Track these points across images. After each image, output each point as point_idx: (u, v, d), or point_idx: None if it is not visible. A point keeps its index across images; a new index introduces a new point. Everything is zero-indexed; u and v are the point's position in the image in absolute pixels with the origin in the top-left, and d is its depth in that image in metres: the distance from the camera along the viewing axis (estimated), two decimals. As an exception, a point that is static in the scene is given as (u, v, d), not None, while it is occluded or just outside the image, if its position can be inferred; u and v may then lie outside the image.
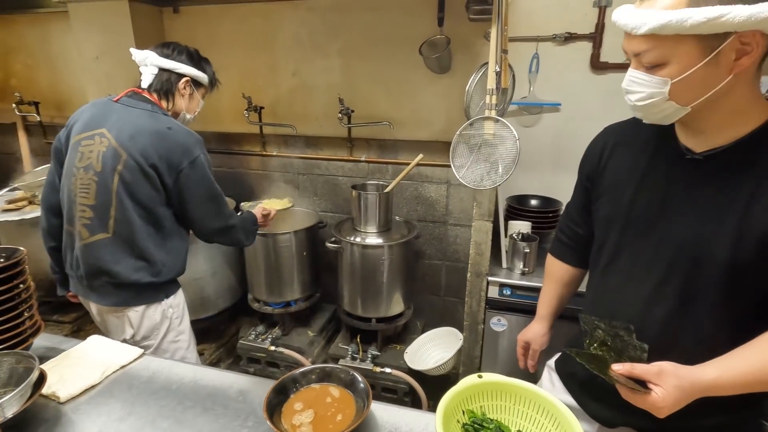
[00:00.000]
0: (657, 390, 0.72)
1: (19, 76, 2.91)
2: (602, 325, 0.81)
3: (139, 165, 1.30)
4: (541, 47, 1.93)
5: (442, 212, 2.29)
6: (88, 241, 1.36)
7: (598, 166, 0.97)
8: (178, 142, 1.34)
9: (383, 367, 2.01)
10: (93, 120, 1.37)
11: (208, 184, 1.40)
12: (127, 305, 1.41)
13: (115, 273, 1.36)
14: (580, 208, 1.08)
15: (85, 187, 1.34)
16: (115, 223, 1.34)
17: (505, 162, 1.45)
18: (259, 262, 2.17)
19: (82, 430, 0.88)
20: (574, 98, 1.95)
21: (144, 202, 1.35)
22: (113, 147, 1.31)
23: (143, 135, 1.31)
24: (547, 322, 1.21)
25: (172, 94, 1.45)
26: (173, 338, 1.52)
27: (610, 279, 0.94)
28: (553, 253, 1.21)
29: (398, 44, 2.10)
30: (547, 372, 1.18)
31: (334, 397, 0.92)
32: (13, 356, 0.93)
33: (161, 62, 1.41)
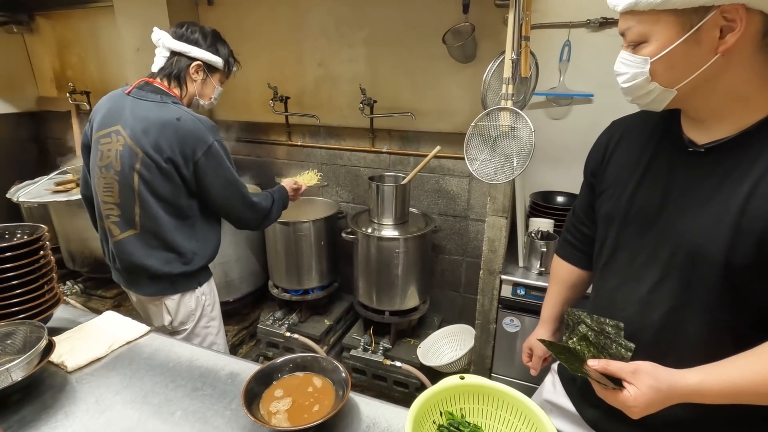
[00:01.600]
0: (630, 388, 0.68)
1: (74, 67, 3.13)
2: (588, 320, 0.78)
3: (155, 161, 1.30)
4: (573, 34, 1.81)
5: (463, 206, 2.22)
6: (118, 238, 1.40)
7: (602, 161, 0.92)
8: (190, 131, 1.30)
9: (394, 361, 2.00)
10: (109, 116, 1.35)
11: (226, 172, 1.38)
12: (164, 294, 1.46)
13: (148, 267, 1.40)
14: (586, 206, 1.02)
15: (109, 187, 1.36)
16: (140, 219, 1.36)
17: (520, 156, 1.38)
18: (279, 249, 2.21)
19: (81, 398, 0.93)
20: (608, 89, 1.82)
21: (166, 196, 1.35)
22: (128, 145, 1.31)
23: (155, 129, 1.29)
24: (550, 326, 1.15)
25: (183, 80, 1.39)
26: (205, 324, 1.56)
27: (608, 279, 0.89)
28: (558, 254, 1.14)
29: (422, 33, 2.05)
30: (551, 375, 1.14)
31: (315, 387, 0.91)
32: (27, 326, 1.01)
33: (173, 44, 1.36)
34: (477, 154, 1.46)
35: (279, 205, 1.61)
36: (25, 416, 0.88)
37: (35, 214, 2.80)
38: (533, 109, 1.93)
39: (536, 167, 1.93)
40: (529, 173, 1.97)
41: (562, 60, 1.85)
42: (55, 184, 2.55)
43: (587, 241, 1.04)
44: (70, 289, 2.78)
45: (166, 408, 0.91)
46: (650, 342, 0.78)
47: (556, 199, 1.98)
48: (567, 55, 1.83)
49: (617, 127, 0.93)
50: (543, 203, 1.86)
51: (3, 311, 1.03)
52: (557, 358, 0.77)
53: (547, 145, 1.88)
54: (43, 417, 0.88)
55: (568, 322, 0.82)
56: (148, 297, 1.49)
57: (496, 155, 1.44)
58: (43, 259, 1.13)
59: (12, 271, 1.04)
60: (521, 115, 1.35)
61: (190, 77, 1.40)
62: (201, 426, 0.86)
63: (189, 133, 1.31)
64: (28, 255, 1.09)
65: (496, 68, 1.49)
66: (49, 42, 3.14)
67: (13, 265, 1.04)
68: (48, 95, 3.32)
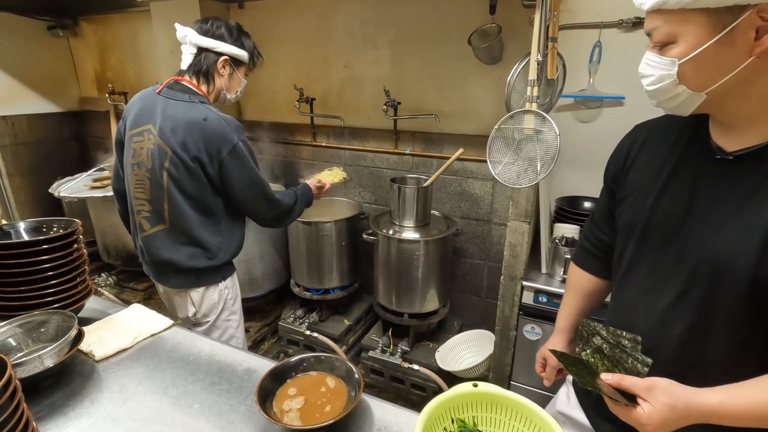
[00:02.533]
0: (644, 405, 0.66)
1: (113, 69, 3.28)
2: (603, 332, 0.76)
3: (182, 160, 1.34)
4: (604, 34, 1.75)
5: (486, 210, 2.19)
6: (149, 233, 1.46)
7: (624, 165, 0.88)
8: (215, 131, 1.34)
9: (412, 364, 1.99)
10: (141, 115, 1.40)
11: (250, 170, 1.41)
12: (189, 287, 1.51)
13: (175, 261, 1.46)
14: (605, 213, 0.98)
15: (140, 183, 1.42)
16: (169, 215, 1.41)
17: (544, 160, 1.35)
18: (301, 248, 2.24)
19: (107, 386, 0.98)
20: (640, 91, 1.72)
21: (193, 194, 1.39)
22: (158, 144, 1.35)
23: (182, 128, 1.33)
24: (565, 336, 1.11)
25: (211, 75, 1.41)
26: (226, 317, 1.61)
27: (627, 290, 0.86)
28: (575, 262, 1.11)
29: (448, 34, 2.03)
30: (565, 386, 1.11)
31: (328, 387, 0.92)
32: (60, 315, 1.06)
33: (200, 41, 1.37)
34: (500, 157, 1.44)
35: (302, 203, 1.66)
36: (54, 401, 0.92)
37: (75, 209, 2.94)
38: (560, 112, 1.88)
39: (563, 171, 1.88)
40: (555, 177, 1.92)
41: (592, 61, 1.79)
42: (92, 180, 2.68)
43: (606, 249, 1.00)
44: (105, 281, 2.91)
45: (185, 401, 0.94)
46: (670, 358, 0.75)
47: (582, 204, 1.92)
48: (597, 56, 1.77)
49: (640, 131, 0.90)
50: (569, 208, 1.81)
51: (38, 301, 1.09)
52: (567, 370, 0.74)
53: (575, 148, 1.83)
54: (71, 403, 0.92)
55: (582, 333, 0.79)
56: (174, 289, 1.54)
57: (520, 159, 1.41)
58: (77, 252, 1.19)
59: (48, 263, 1.10)
60: (546, 118, 1.32)
61: (217, 72, 1.42)
62: (216, 420, 0.88)
63: (215, 133, 1.34)
64: (63, 248, 1.14)
65: (521, 70, 1.46)
66: (92, 45, 3.30)
67: (48, 257, 1.10)
68: (89, 95, 3.49)
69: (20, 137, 3.21)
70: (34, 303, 1.08)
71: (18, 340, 1.02)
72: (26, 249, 1.07)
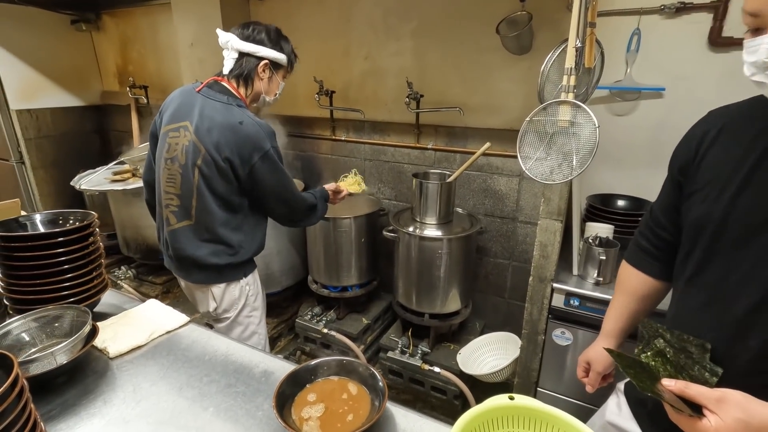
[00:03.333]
0: (711, 418, 0.58)
1: (135, 63, 3.29)
2: (667, 335, 0.70)
3: (214, 160, 1.35)
4: (644, 21, 1.64)
5: (512, 208, 2.10)
6: (175, 227, 1.46)
7: (696, 156, 0.80)
8: (249, 136, 1.34)
9: (432, 366, 1.92)
10: (179, 111, 1.41)
11: (280, 175, 1.43)
12: (210, 283, 1.51)
13: (197, 257, 1.45)
14: (669, 208, 0.90)
15: (172, 178, 1.42)
16: (196, 212, 1.42)
17: (580, 154, 1.26)
18: (318, 244, 2.20)
19: (120, 385, 0.94)
20: (682, 82, 1.64)
21: (221, 193, 1.40)
22: (194, 142, 1.36)
23: (217, 129, 1.34)
24: (613, 340, 1.03)
25: (251, 79, 1.43)
26: (248, 313, 1.61)
27: (694, 294, 0.77)
28: (629, 261, 1.02)
29: (474, 23, 1.95)
30: (615, 395, 1.03)
31: (350, 394, 0.86)
32: (74, 310, 1.03)
33: (241, 46, 1.38)
34: (531, 152, 1.35)
35: (322, 207, 1.67)
36: (67, 400, 0.89)
37: (96, 202, 2.97)
38: (593, 105, 1.78)
39: (595, 168, 1.77)
40: (586, 174, 1.80)
41: (630, 50, 1.68)
42: (113, 173, 2.68)
43: (666, 248, 0.92)
44: (124, 274, 2.92)
45: (199, 403, 0.89)
46: (744, 371, 0.67)
47: (616, 202, 1.82)
48: (636, 44, 1.67)
49: (716, 119, 0.80)
50: (602, 207, 1.71)
51: (54, 294, 1.06)
52: (625, 371, 0.67)
53: (609, 143, 1.73)
54: (83, 402, 0.89)
55: (643, 333, 0.73)
56: (196, 284, 1.54)
57: (552, 153, 1.32)
58: (93, 245, 1.16)
59: (63, 256, 1.07)
60: (583, 109, 1.23)
61: (257, 76, 1.44)
62: (232, 425, 0.83)
63: (248, 138, 1.35)
64: (79, 241, 1.11)
65: (556, 58, 1.37)
66: (113, 39, 3.31)
67: (64, 250, 1.07)
68: (111, 89, 3.52)
69: (44, 130, 3.25)
70: (49, 297, 1.05)
71: (32, 335, 0.99)
72: (42, 242, 1.04)
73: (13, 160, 3.17)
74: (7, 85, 2.99)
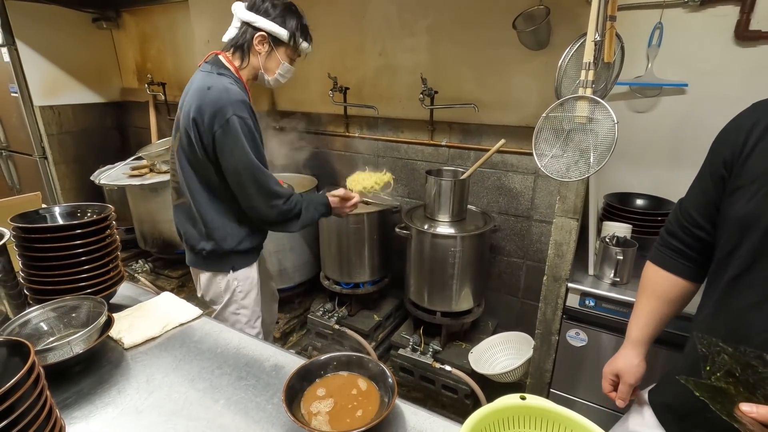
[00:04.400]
0: None
1: (153, 60, 3.35)
2: (729, 349, 0.63)
3: (186, 129, 1.31)
4: (666, 15, 1.59)
5: (526, 206, 2.07)
6: (176, 203, 1.49)
7: (743, 149, 0.75)
8: (213, 101, 1.24)
9: (443, 364, 1.91)
10: (184, 91, 1.39)
11: (240, 150, 1.27)
12: (198, 267, 1.51)
13: (187, 237, 1.47)
14: (706, 205, 0.85)
15: (173, 154, 1.44)
16: (186, 189, 1.40)
17: (598, 151, 1.23)
18: (331, 241, 2.20)
19: (134, 376, 0.95)
20: (706, 77, 1.59)
21: (197, 168, 1.35)
22: (177, 116, 1.37)
23: (191, 97, 1.29)
24: (642, 349, 0.97)
25: (246, 51, 1.36)
26: (234, 310, 1.55)
27: (740, 295, 0.74)
28: (656, 262, 0.97)
29: (490, 18, 1.92)
30: (637, 404, 0.99)
31: (359, 390, 0.86)
32: (91, 301, 1.05)
33: (243, 14, 1.33)
34: (547, 149, 1.32)
35: (310, 210, 1.47)
36: (83, 388, 0.91)
37: (114, 196, 3.03)
38: (612, 101, 1.73)
39: (613, 166, 1.74)
40: (603, 172, 1.77)
41: (651, 45, 1.63)
42: (131, 168, 2.74)
43: (701, 248, 0.88)
44: (141, 267, 2.98)
45: (210, 395, 0.90)
46: None
47: (634, 201, 1.78)
48: (658, 39, 1.62)
49: (765, 111, 0.76)
50: (620, 206, 1.67)
51: (71, 285, 1.08)
52: (703, 398, 0.62)
53: (628, 140, 1.69)
54: (98, 391, 0.90)
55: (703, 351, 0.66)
56: (190, 266, 1.55)
57: (569, 150, 1.29)
58: (110, 237, 1.18)
59: (81, 248, 1.09)
60: (602, 105, 1.19)
61: (254, 49, 1.36)
62: (242, 418, 0.84)
63: (211, 103, 1.25)
64: (96, 233, 1.13)
65: (574, 53, 1.34)
66: (133, 37, 3.37)
67: (81, 242, 1.09)
68: (130, 86, 3.58)
69: (66, 126, 3.33)
70: (67, 288, 1.07)
71: (50, 325, 1.01)
72: (60, 233, 1.06)
73: (36, 155, 3.26)
74: (31, 82, 3.08)
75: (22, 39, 2.99)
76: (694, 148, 1.65)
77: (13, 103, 3.15)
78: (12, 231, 1.06)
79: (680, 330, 1.20)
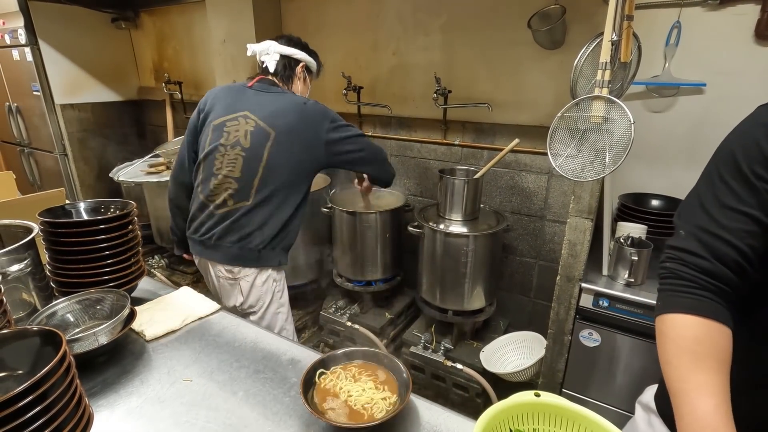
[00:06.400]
0: None
1: (170, 59, 3.40)
2: None
3: (288, 140, 1.48)
4: (684, 14, 1.58)
5: (539, 206, 2.06)
6: (232, 207, 1.52)
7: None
8: (318, 110, 1.52)
9: (455, 362, 1.92)
10: (233, 104, 1.54)
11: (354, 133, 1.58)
12: (245, 265, 1.55)
13: (245, 233, 1.52)
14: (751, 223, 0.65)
15: (232, 162, 1.50)
16: (256, 193, 1.50)
17: (614, 150, 1.22)
18: (344, 238, 2.22)
19: (156, 367, 0.98)
20: (725, 77, 1.57)
21: (289, 174, 1.51)
22: (261, 127, 1.48)
23: (286, 112, 1.49)
24: None
25: (291, 79, 1.62)
26: (275, 310, 1.65)
27: None
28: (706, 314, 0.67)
29: (505, 17, 1.92)
30: (642, 412, 0.94)
31: (375, 382, 0.88)
32: (114, 294, 1.08)
33: (282, 49, 1.58)
34: (561, 149, 1.33)
35: None
36: (107, 378, 0.94)
37: (132, 193, 3.09)
38: (628, 101, 1.73)
39: (628, 166, 1.70)
40: (618, 172, 1.75)
41: (669, 44, 1.62)
42: (148, 165, 2.79)
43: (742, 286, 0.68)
44: (157, 263, 3.04)
45: (230, 387, 0.92)
46: None
47: (650, 202, 1.77)
48: (675, 38, 1.60)
49: None
50: (634, 206, 1.66)
51: (95, 279, 1.12)
52: None
53: (644, 141, 1.68)
54: (122, 381, 0.94)
55: None
56: (225, 273, 1.57)
57: (584, 150, 1.29)
58: (132, 233, 1.21)
59: (104, 242, 1.12)
60: (618, 105, 1.19)
61: (297, 76, 1.63)
62: (261, 409, 0.86)
63: (317, 112, 1.52)
64: (119, 228, 1.16)
65: (590, 52, 1.34)
66: (150, 36, 3.43)
67: (105, 237, 1.12)
68: (147, 85, 3.65)
69: (85, 124, 3.41)
70: (91, 281, 1.11)
71: (76, 316, 1.05)
72: (85, 228, 1.10)
73: (57, 152, 3.34)
74: (52, 81, 3.16)
75: (45, 39, 3.07)
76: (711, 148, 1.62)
77: (35, 101, 3.24)
78: (40, 226, 1.10)
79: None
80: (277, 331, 1.64)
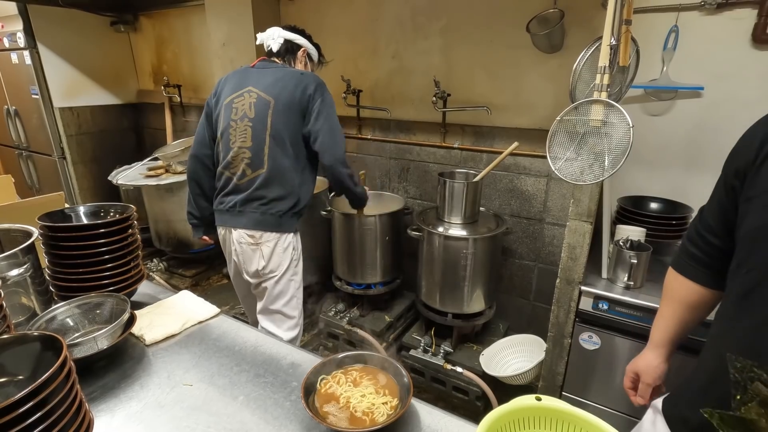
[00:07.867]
0: None
1: (169, 62, 3.40)
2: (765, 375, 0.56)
3: (284, 106, 1.58)
4: (682, 18, 1.59)
5: (538, 209, 2.07)
6: (251, 176, 1.63)
7: (756, 160, 0.74)
8: (312, 78, 1.61)
9: (454, 366, 1.91)
10: (239, 83, 1.66)
11: (334, 117, 1.63)
12: (266, 230, 1.65)
13: (267, 200, 1.63)
14: (722, 213, 0.85)
15: (243, 133, 1.62)
16: (268, 159, 1.61)
17: (613, 154, 1.23)
18: (343, 241, 2.22)
19: (156, 371, 0.98)
20: (722, 81, 1.58)
21: (290, 137, 1.60)
22: (262, 97, 1.60)
23: (284, 81, 1.60)
24: (663, 351, 1.00)
25: (293, 60, 1.74)
26: (290, 276, 1.75)
27: (755, 309, 0.72)
28: (677, 268, 0.98)
29: (504, 21, 1.93)
30: (651, 413, 0.96)
31: (376, 388, 0.87)
32: (114, 299, 1.08)
33: (285, 34, 1.71)
34: (561, 152, 1.33)
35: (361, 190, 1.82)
36: (107, 383, 0.94)
37: (131, 196, 3.09)
38: (627, 104, 1.73)
39: (627, 169, 1.72)
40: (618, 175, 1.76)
41: (667, 48, 1.63)
42: (147, 169, 2.79)
43: (717, 255, 0.88)
44: (156, 266, 3.03)
45: (230, 391, 0.92)
46: None
47: (648, 205, 1.77)
48: (673, 42, 1.61)
49: None
50: (633, 209, 1.67)
51: (95, 283, 1.11)
52: None
53: (643, 144, 1.68)
54: (122, 385, 0.93)
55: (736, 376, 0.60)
56: (248, 238, 1.66)
57: (583, 153, 1.29)
58: (131, 237, 1.21)
59: (104, 247, 1.12)
60: (617, 108, 1.20)
61: (298, 59, 1.74)
62: (261, 414, 0.86)
63: (312, 80, 1.61)
64: (119, 232, 1.16)
65: (589, 56, 1.34)
66: (149, 39, 3.44)
67: (105, 241, 1.12)
68: (146, 88, 3.65)
69: (84, 127, 3.40)
70: (91, 285, 1.11)
71: (75, 321, 1.04)
72: (85, 232, 1.10)
73: (55, 155, 3.33)
74: (51, 84, 3.15)
75: (43, 42, 3.07)
76: (709, 151, 1.65)
77: (33, 104, 3.24)
78: (39, 230, 1.10)
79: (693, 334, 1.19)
80: (289, 297, 1.75)
